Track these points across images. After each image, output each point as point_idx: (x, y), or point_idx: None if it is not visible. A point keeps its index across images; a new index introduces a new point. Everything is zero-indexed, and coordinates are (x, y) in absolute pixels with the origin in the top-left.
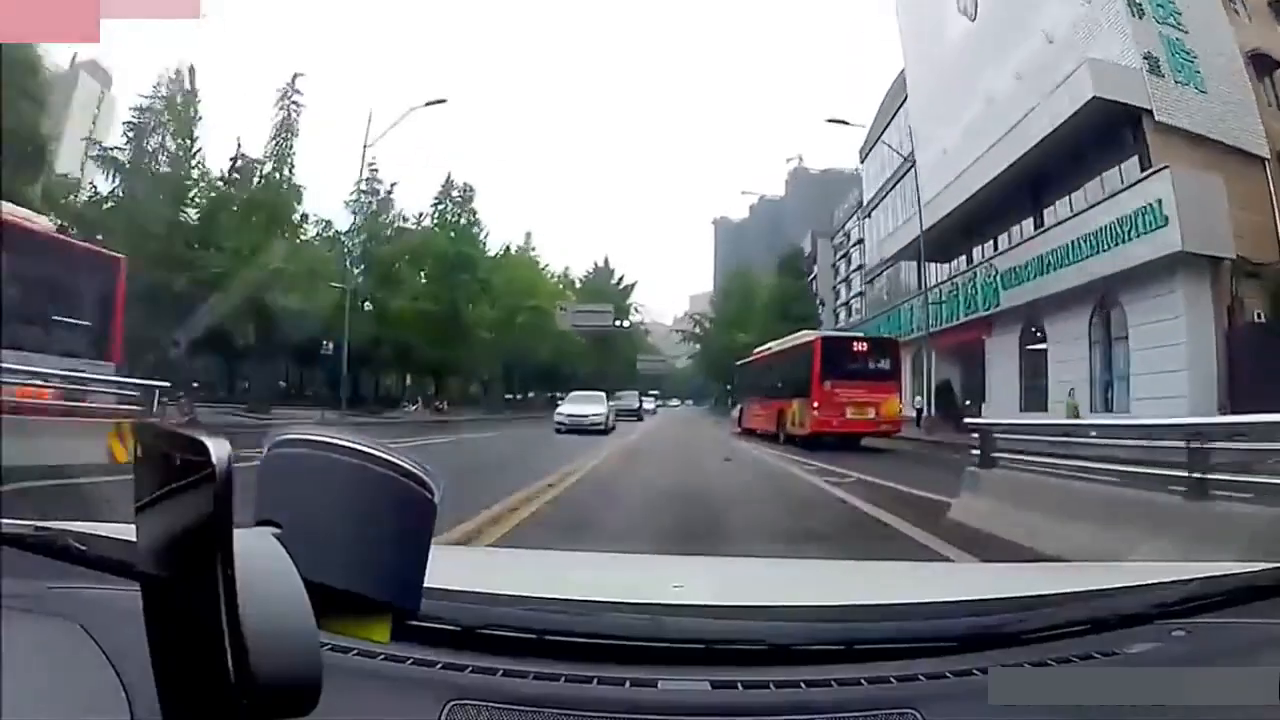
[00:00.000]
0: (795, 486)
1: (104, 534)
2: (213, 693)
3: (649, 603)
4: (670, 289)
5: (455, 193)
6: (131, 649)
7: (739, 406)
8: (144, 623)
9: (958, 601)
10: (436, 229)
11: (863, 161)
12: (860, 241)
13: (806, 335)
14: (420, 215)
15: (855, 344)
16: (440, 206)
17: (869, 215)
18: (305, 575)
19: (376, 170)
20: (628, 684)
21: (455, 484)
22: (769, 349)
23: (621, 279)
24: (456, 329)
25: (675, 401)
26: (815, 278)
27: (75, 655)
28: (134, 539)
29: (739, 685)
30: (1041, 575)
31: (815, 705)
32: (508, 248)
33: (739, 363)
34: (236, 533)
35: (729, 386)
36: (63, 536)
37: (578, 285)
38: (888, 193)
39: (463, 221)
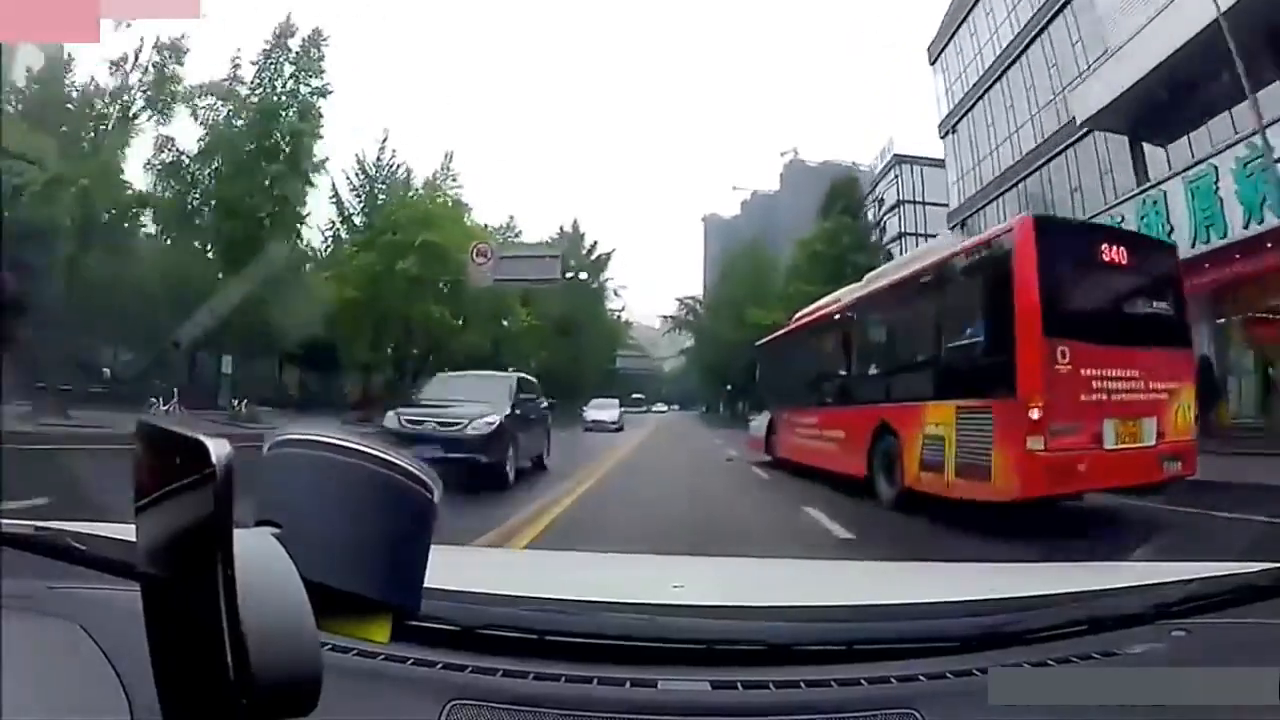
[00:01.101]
0: None
1: (104, 534)
2: (212, 693)
3: (649, 603)
4: (655, 292)
5: (295, 41)
6: (131, 649)
7: (766, 418)
8: (144, 623)
9: (958, 601)
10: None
11: (933, 63)
12: (899, 204)
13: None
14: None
15: (1112, 245)
16: (271, 58)
17: (953, 130)
18: (305, 575)
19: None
20: (628, 684)
21: None
22: (841, 299)
23: (594, 246)
24: (267, 269)
25: (662, 407)
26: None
27: (75, 655)
28: (134, 539)
29: (739, 685)
30: (1041, 575)
31: (815, 705)
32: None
33: (767, 341)
34: (236, 533)
35: (728, 387)
36: (62, 536)
37: None
38: (1002, 74)
39: (300, 89)
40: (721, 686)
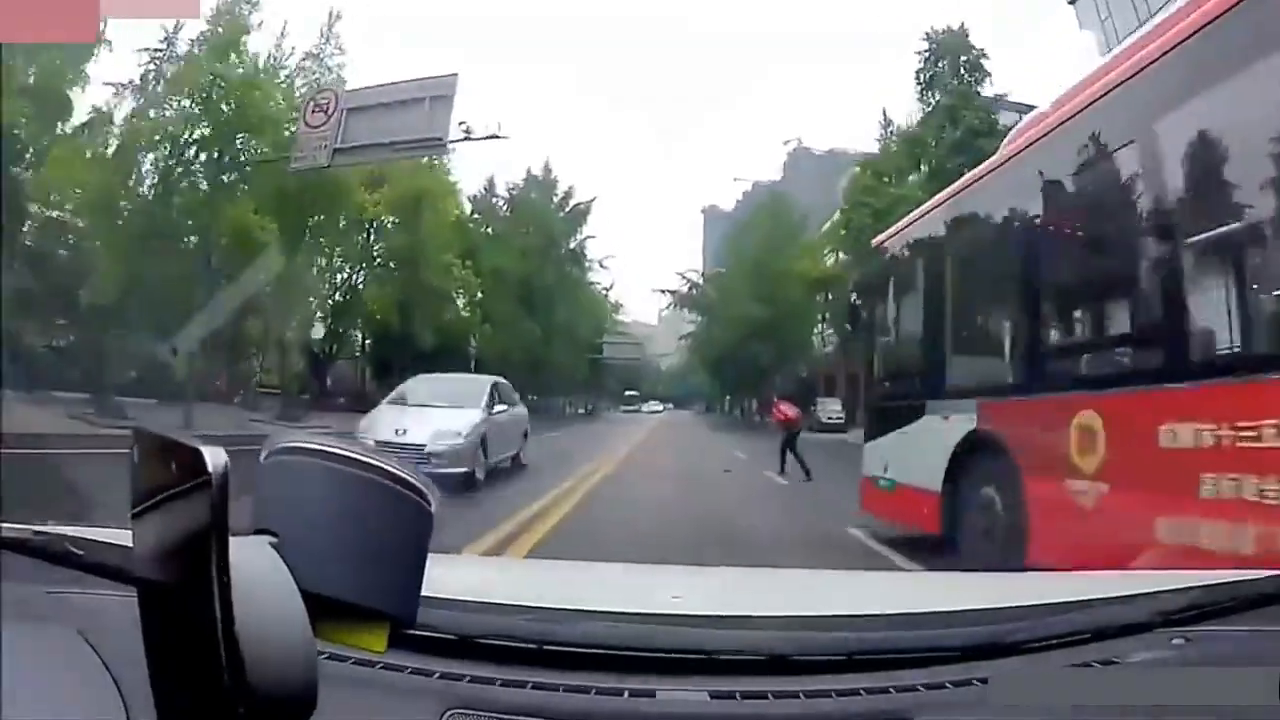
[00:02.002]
0: None
1: (103, 539)
2: (209, 701)
3: (647, 612)
4: (650, 290)
5: None
6: (129, 656)
7: (947, 424)
8: (141, 629)
9: (956, 611)
10: None
11: None
12: None
13: None
14: None
15: None
16: None
17: None
18: (302, 584)
19: None
20: (626, 694)
21: None
22: None
23: (570, 193)
24: None
25: (656, 405)
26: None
27: (73, 661)
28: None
29: (737, 695)
30: (1041, 584)
31: (814, 715)
32: None
33: (956, 201)
34: (233, 541)
35: (726, 380)
36: (61, 541)
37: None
38: None
39: None
40: (720, 697)
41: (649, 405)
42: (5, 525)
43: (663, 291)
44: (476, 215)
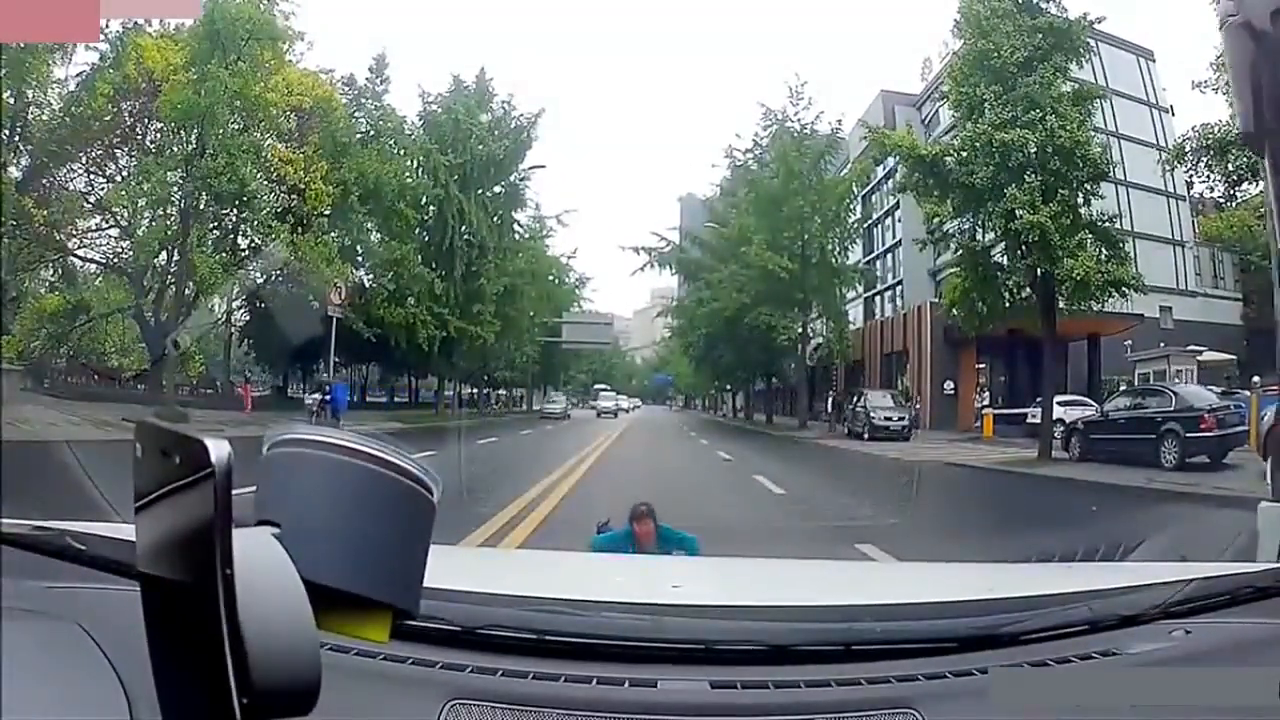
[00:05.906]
0: None
1: (103, 534)
2: (212, 692)
3: (648, 603)
4: (623, 286)
5: None
6: (131, 649)
7: None
8: (143, 622)
9: (957, 602)
10: None
11: None
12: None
13: None
14: None
15: None
16: None
17: None
18: (304, 575)
19: None
20: (627, 684)
21: None
22: None
23: (511, 103)
24: None
25: (623, 401)
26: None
27: (75, 655)
28: (133, 539)
29: (738, 685)
30: (1041, 575)
31: (815, 705)
32: None
33: None
34: (236, 532)
35: (720, 366)
36: (62, 536)
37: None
38: None
39: None
40: (721, 686)
41: (605, 399)
42: (5, 520)
43: (636, 250)
44: (359, 106)
